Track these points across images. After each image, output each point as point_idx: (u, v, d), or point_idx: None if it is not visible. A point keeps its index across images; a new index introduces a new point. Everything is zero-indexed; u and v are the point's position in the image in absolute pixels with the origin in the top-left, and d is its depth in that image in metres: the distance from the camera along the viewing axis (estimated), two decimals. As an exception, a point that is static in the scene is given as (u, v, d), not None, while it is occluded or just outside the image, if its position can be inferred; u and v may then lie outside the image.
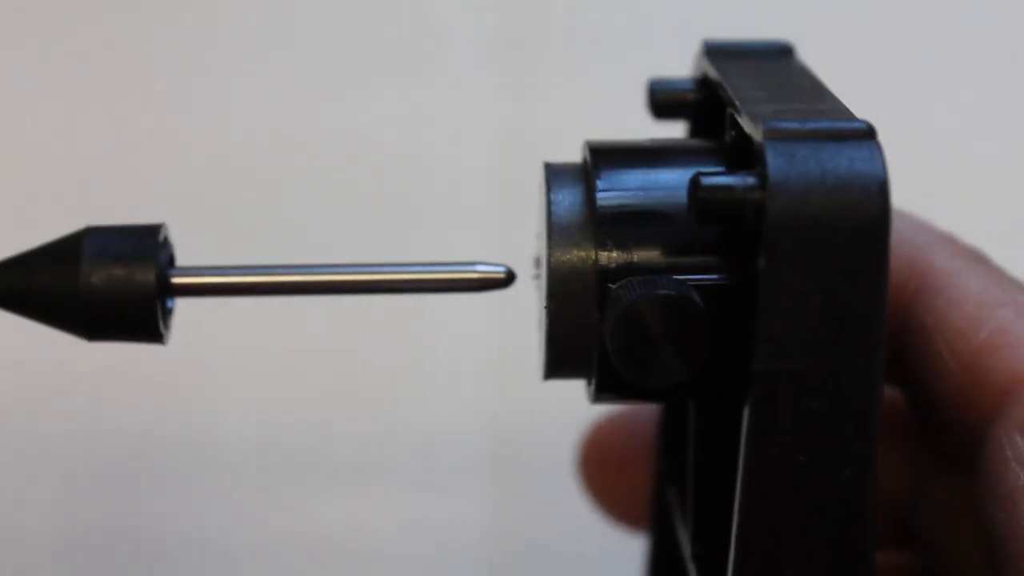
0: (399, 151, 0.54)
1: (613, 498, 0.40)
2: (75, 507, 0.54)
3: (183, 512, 0.54)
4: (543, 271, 0.31)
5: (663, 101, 0.35)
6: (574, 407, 0.52)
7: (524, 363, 0.53)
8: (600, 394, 0.30)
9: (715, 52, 0.34)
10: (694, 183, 0.27)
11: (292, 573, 0.54)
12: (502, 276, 0.32)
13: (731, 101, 0.30)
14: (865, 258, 0.27)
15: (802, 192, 0.27)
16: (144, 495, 0.54)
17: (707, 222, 0.28)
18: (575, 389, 0.52)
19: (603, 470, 0.40)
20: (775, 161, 0.27)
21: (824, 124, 0.27)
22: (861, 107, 0.30)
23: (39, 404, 0.54)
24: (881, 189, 0.27)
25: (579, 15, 0.54)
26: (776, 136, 0.27)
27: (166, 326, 0.31)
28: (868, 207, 0.27)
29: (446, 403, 0.54)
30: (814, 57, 0.35)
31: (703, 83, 0.34)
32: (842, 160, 0.27)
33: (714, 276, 0.29)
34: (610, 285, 0.29)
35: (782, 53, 0.34)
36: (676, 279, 0.28)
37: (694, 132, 0.35)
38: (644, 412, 0.40)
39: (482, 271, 0.32)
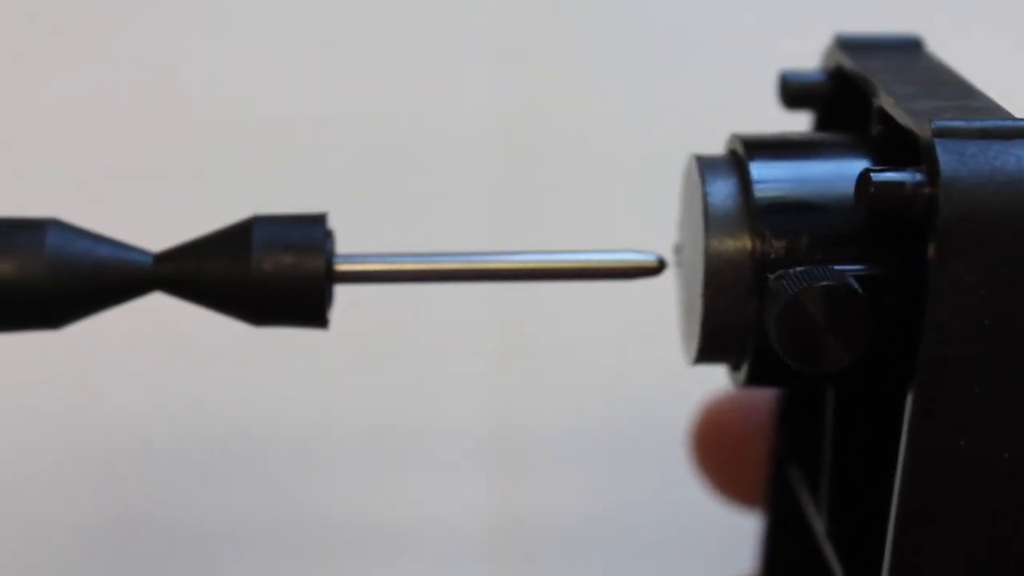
0: (398, 125, 0.54)
1: (728, 478, 0.41)
2: (98, 494, 0.54)
3: (195, 499, 0.54)
4: (696, 260, 0.32)
5: (795, 92, 0.36)
6: (576, 392, 0.54)
7: (526, 349, 0.55)
8: (752, 379, 0.31)
9: (849, 45, 0.35)
10: (864, 178, 0.29)
11: (296, 557, 0.55)
12: (654, 264, 0.33)
13: (882, 96, 0.31)
14: None
15: (972, 188, 0.28)
16: (151, 485, 0.55)
17: (876, 217, 0.29)
18: (575, 374, 0.53)
19: (718, 449, 0.41)
20: (946, 158, 0.28)
21: (990, 123, 0.28)
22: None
23: (62, 390, 0.54)
24: None
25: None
26: (945, 134, 0.28)
27: (330, 313, 0.32)
28: None
29: (448, 389, 0.55)
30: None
31: (836, 75, 0.35)
32: (1010, 158, 0.28)
33: (869, 266, 0.30)
34: (768, 275, 0.30)
35: (913, 46, 0.36)
36: (835, 269, 0.30)
37: (822, 122, 0.36)
38: (758, 391, 0.41)
39: (634, 259, 0.33)
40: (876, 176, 0.28)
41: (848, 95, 0.35)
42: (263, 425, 0.55)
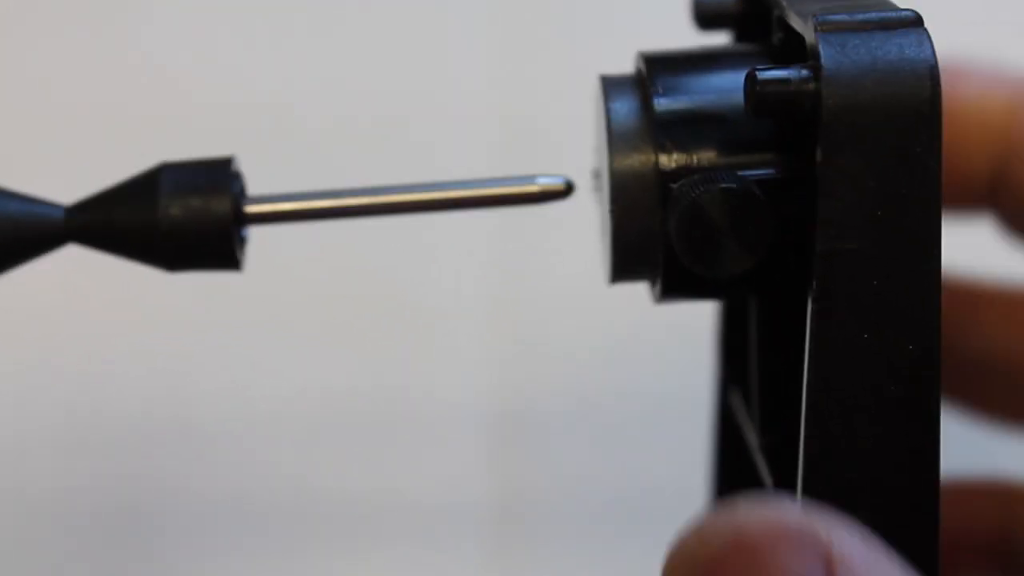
0: (397, 100, 0.54)
1: None
2: (92, 471, 0.54)
3: (191, 476, 0.54)
4: (604, 179, 0.32)
5: (708, 12, 0.36)
6: (578, 366, 0.54)
7: (526, 323, 0.54)
8: (666, 293, 0.31)
9: None
10: (750, 78, 0.29)
11: (294, 533, 0.55)
12: (562, 187, 0.33)
13: (779, 3, 0.31)
14: (918, 140, 0.28)
15: (855, 80, 0.28)
16: (147, 463, 0.55)
17: (763, 115, 0.29)
18: (577, 346, 0.53)
19: None
20: (827, 52, 0.28)
21: (873, 15, 0.28)
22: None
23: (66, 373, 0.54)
24: (931, 73, 0.28)
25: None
26: (827, 29, 0.28)
27: (242, 254, 0.33)
28: (919, 91, 0.28)
29: (447, 363, 0.54)
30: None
31: None
32: (892, 47, 0.28)
33: (771, 171, 0.30)
34: (671, 185, 0.30)
35: None
36: (734, 173, 0.30)
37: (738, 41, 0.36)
38: None
39: (542, 183, 0.33)
40: (761, 74, 0.28)
41: (758, 14, 0.35)
42: (258, 401, 0.54)
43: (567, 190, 0.33)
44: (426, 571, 0.54)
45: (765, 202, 0.29)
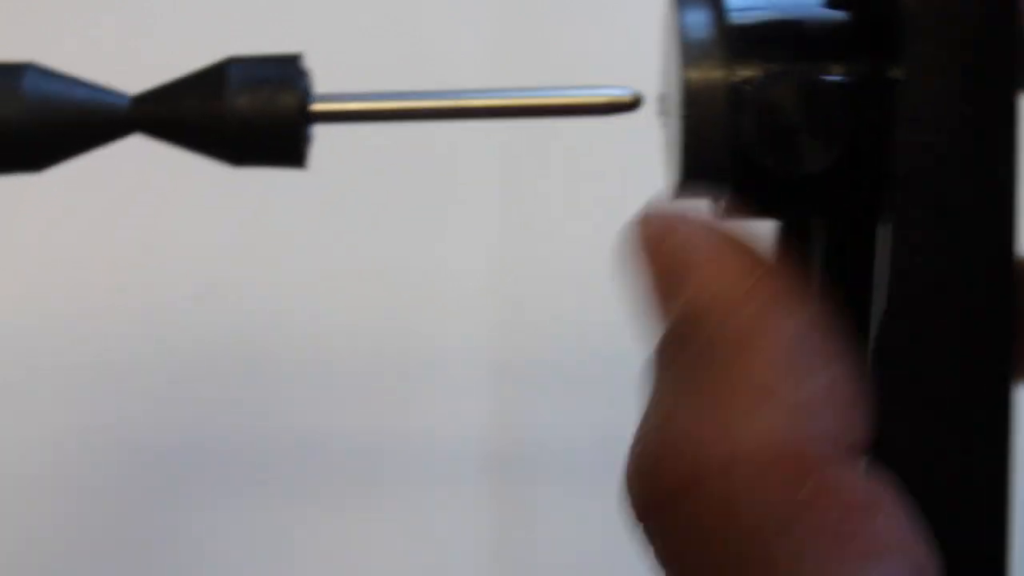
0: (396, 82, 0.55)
1: None
2: (103, 418, 0.55)
3: (198, 419, 0.55)
4: (675, 93, 0.32)
5: None
6: (583, 311, 0.54)
7: (532, 270, 0.55)
8: (734, 202, 0.31)
9: None
10: None
11: (301, 475, 0.55)
12: (628, 100, 0.33)
13: None
14: (996, 32, 0.28)
15: None
16: (155, 408, 0.55)
17: (840, 6, 0.29)
18: (581, 294, 0.54)
19: None
20: None
21: None
22: None
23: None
24: None
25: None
26: None
27: (307, 153, 0.32)
28: None
29: (452, 309, 0.55)
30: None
31: None
32: None
33: (846, 75, 0.30)
34: (746, 87, 0.30)
35: None
36: (810, 72, 0.30)
37: None
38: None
39: (609, 94, 0.33)
40: None
41: None
42: (265, 345, 0.55)
43: (634, 102, 0.33)
44: (430, 507, 0.55)
45: (841, 98, 0.29)
